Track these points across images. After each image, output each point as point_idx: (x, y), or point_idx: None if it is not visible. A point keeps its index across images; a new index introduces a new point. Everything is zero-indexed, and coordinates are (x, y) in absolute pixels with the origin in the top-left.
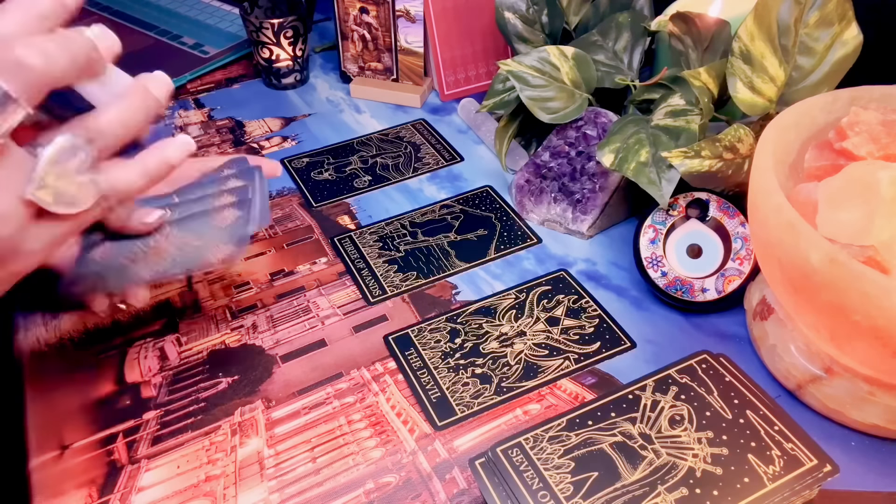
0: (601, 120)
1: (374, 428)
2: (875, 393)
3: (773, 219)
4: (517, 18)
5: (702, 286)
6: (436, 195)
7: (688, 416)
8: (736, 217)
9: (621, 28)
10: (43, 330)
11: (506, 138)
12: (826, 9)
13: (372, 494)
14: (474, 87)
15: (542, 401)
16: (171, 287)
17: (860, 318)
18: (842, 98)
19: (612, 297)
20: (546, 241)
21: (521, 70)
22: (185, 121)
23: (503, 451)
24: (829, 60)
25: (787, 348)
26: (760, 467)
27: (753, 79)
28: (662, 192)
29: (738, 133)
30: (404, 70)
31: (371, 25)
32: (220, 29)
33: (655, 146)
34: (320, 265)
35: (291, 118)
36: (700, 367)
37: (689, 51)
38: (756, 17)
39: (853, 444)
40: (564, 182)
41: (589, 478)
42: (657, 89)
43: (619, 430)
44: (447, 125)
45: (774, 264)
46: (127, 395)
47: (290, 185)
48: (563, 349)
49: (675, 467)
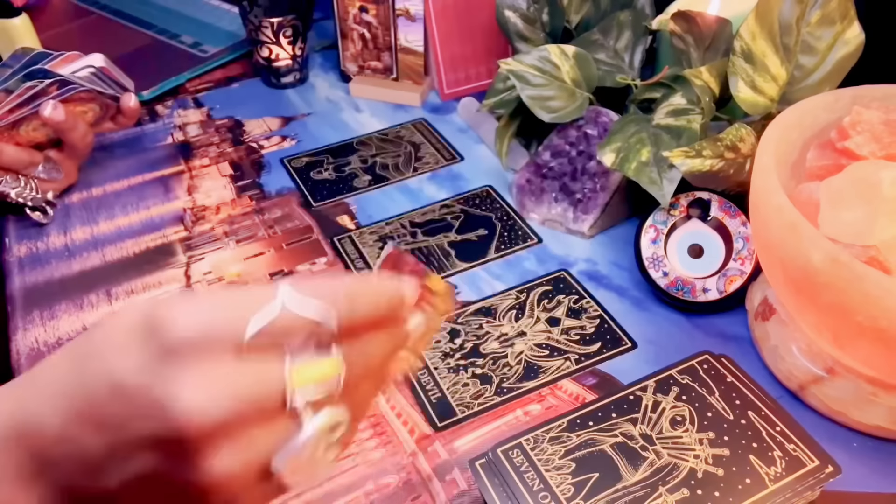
0: (602, 119)
1: (373, 429)
2: (877, 394)
3: (775, 219)
4: (518, 17)
5: (703, 286)
6: (436, 195)
7: (689, 417)
8: (737, 217)
9: (622, 27)
10: (42, 330)
11: (506, 138)
12: (828, 8)
13: (372, 495)
14: (474, 86)
15: (543, 401)
16: (170, 287)
17: (862, 319)
18: (844, 97)
19: (612, 297)
20: (547, 241)
21: (522, 69)
22: (185, 120)
23: (504, 451)
24: (830, 59)
25: (788, 349)
26: (762, 468)
27: (755, 78)
28: (664, 192)
29: (740, 132)
30: (404, 69)
31: (371, 24)
32: (219, 28)
33: (657, 145)
34: (320, 265)
35: (291, 117)
36: (701, 367)
37: (691, 50)
38: (758, 15)
39: (855, 445)
40: (565, 182)
41: (590, 479)
42: (658, 88)
43: (620, 431)
44: (447, 124)
45: (776, 264)
46: None
47: (290, 185)
48: (564, 349)
49: (676, 468)
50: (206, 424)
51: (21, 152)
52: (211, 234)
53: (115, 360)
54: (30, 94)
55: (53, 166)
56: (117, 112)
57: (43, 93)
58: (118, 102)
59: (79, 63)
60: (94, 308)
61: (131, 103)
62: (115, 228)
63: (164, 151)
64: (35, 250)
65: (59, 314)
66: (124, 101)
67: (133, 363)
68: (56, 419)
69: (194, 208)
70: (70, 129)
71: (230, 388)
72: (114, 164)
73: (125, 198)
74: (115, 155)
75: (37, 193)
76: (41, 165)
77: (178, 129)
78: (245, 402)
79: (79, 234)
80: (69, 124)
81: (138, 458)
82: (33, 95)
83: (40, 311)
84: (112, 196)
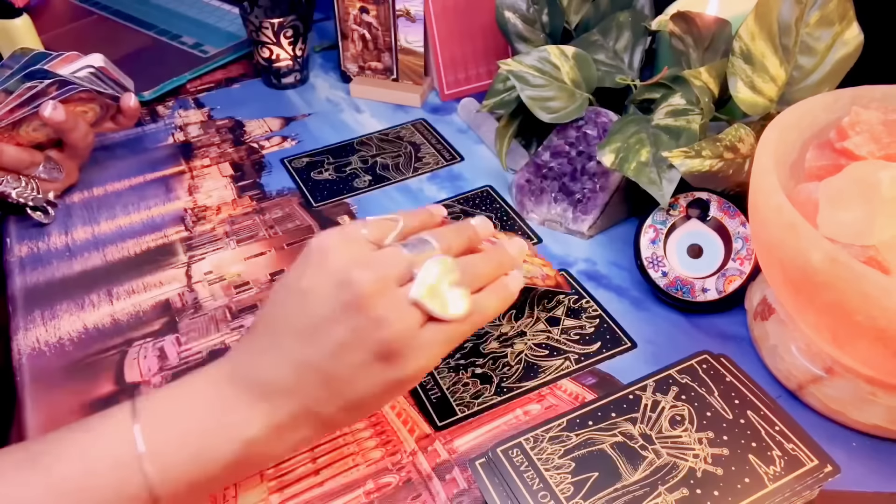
0: (601, 119)
1: (373, 428)
2: (876, 393)
3: (774, 219)
4: (517, 18)
5: (702, 286)
6: (436, 195)
7: (688, 417)
8: (737, 217)
9: (622, 27)
10: (43, 330)
11: (506, 138)
12: (827, 8)
13: (372, 495)
14: (474, 86)
15: (543, 401)
16: (171, 287)
17: (861, 319)
18: (843, 98)
19: (612, 297)
20: (546, 241)
21: (522, 69)
22: (185, 120)
23: (503, 451)
24: (829, 60)
25: (788, 348)
26: (761, 468)
27: (754, 78)
28: (663, 192)
29: (739, 133)
30: (404, 70)
31: (371, 25)
32: (219, 28)
33: (656, 146)
34: None
35: (291, 118)
36: (701, 367)
37: (690, 50)
38: (757, 16)
39: (854, 444)
40: (565, 182)
41: (589, 478)
42: (658, 89)
43: (620, 431)
44: (447, 125)
45: (775, 264)
46: (127, 395)
47: (290, 185)
48: (564, 349)
49: (675, 468)
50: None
51: (22, 152)
52: (212, 235)
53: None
54: (30, 95)
55: (54, 166)
56: (117, 112)
57: (43, 93)
58: (118, 102)
59: (78, 63)
60: (95, 308)
61: (131, 103)
62: (116, 228)
63: (165, 152)
64: (36, 250)
65: (60, 314)
66: (124, 101)
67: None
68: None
69: (195, 208)
70: (70, 129)
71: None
72: (115, 164)
73: (126, 198)
74: (116, 155)
75: (38, 193)
76: (42, 165)
77: (179, 130)
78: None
79: (80, 234)
80: (69, 124)
81: (339, 329)
82: (33, 96)
83: (41, 311)
84: (113, 196)
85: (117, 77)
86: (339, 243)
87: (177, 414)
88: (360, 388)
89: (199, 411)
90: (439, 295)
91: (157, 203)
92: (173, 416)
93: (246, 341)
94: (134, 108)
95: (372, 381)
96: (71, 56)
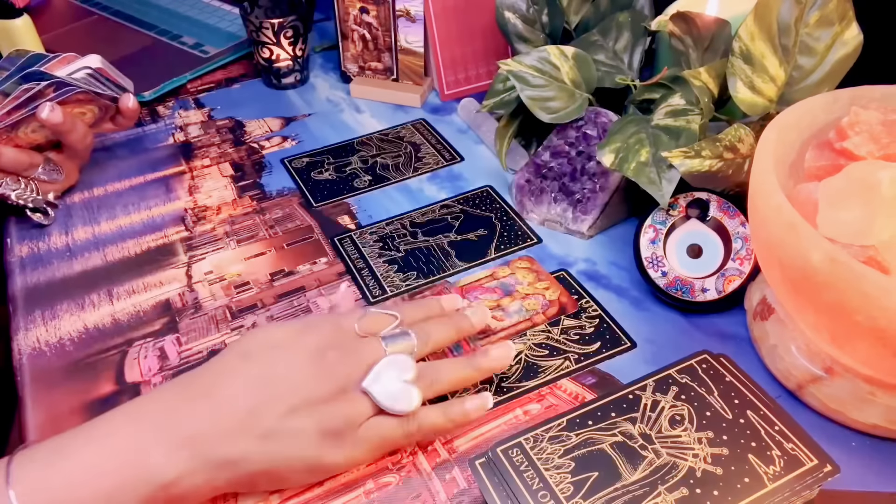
0: (601, 120)
1: None
2: (876, 393)
3: (774, 219)
4: (517, 18)
5: (702, 286)
6: (436, 195)
7: (688, 416)
8: (736, 217)
9: (621, 28)
10: (43, 330)
11: (506, 138)
12: (826, 9)
13: (372, 494)
14: (474, 86)
15: (543, 401)
16: (171, 287)
17: (861, 319)
18: (842, 98)
19: (612, 297)
20: (546, 241)
21: (522, 70)
22: (185, 121)
23: (503, 451)
24: (829, 60)
25: (787, 348)
26: (761, 467)
27: (754, 78)
28: (663, 192)
29: (739, 133)
30: (404, 70)
31: (371, 25)
32: (220, 29)
33: (656, 146)
34: (320, 265)
35: (291, 118)
36: (700, 367)
37: (690, 50)
38: (756, 16)
39: (854, 444)
40: (565, 182)
41: (589, 478)
42: (657, 89)
43: (620, 430)
44: (447, 125)
45: (775, 264)
46: (126, 395)
47: (291, 185)
48: (564, 349)
49: (675, 467)
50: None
51: (21, 154)
52: (212, 235)
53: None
54: (27, 97)
55: (54, 168)
56: (116, 113)
57: (40, 94)
58: (117, 103)
59: (75, 65)
60: (96, 308)
61: (130, 104)
62: (116, 228)
63: (166, 152)
64: (36, 250)
65: (60, 314)
66: (123, 101)
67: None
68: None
69: (195, 208)
70: (69, 130)
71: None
72: (115, 164)
73: (126, 198)
74: (117, 155)
75: (37, 195)
76: (41, 167)
77: (180, 130)
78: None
79: (80, 235)
80: (67, 126)
81: (298, 391)
82: (31, 97)
83: (42, 311)
84: (113, 196)
85: (115, 78)
86: (331, 327)
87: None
88: (289, 452)
89: (114, 454)
90: (388, 388)
91: (157, 203)
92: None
93: (185, 382)
94: (133, 109)
95: (302, 453)
96: (68, 57)
